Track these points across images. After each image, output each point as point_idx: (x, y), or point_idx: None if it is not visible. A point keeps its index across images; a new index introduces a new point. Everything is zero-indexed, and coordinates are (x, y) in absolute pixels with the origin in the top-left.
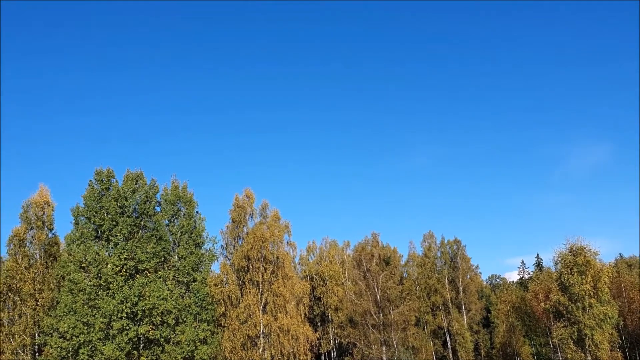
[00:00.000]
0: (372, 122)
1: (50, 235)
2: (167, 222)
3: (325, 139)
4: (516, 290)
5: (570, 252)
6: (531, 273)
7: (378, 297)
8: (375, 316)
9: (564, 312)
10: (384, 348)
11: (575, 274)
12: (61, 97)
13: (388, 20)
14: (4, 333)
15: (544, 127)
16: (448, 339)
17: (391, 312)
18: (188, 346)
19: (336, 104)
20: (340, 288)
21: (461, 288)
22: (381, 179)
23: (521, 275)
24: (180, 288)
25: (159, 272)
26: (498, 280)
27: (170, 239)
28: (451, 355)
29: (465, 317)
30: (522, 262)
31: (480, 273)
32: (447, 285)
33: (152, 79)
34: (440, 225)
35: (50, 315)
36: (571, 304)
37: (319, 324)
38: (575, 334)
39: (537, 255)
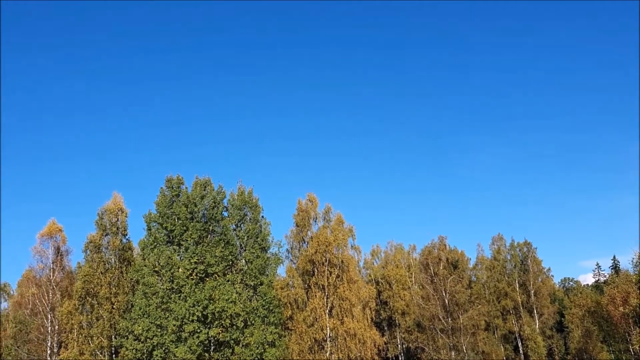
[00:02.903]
0: (436, 124)
1: (124, 240)
2: (234, 226)
3: (389, 143)
4: (591, 294)
5: None
6: (607, 276)
7: (446, 301)
8: (443, 320)
9: None
10: (452, 353)
11: None
12: (130, 109)
13: (451, 21)
14: (83, 335)
15: (618, 126)
16: (519, 343)
17: (460, 316)
18: (257, 348)
19: (399, 107)
20: (407, 292)
21: (532, 291)
22: (447, 182)
23: (596, 278)
24: (248, 291)
25: (227, 276)
26: (571, 283)
27: (237, 243)
28: None
29: (537, 321)
30: (597, 264)
31: (552, 276)
32: (517, 288)
33: (219, 85)
34: (509, 227)
35: (126, 318)
36: None
37: (385, 328)
38: None
39: (614, 257)
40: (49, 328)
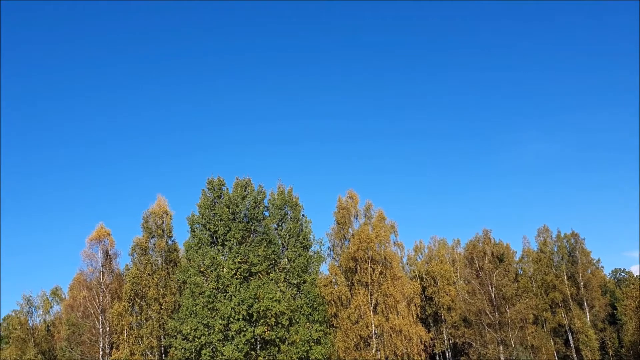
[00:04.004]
0: (479, 117)
1: (169, 242)
2: (275, 225)
3: (430, 139)
4: None
5: None
6: None
7: (492, 295)
8: (490, 315)
9: None
10: (501, 347)
11: None
12: (171, 112)
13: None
14: (133, 336)
15: None
16: (570, 337)
17: (507, 310)
18: (303, 346)
19: (442, 103)
20: (452, 287)
21: (582, 284)
22: (490, 175)
23: None
24: (292, 289)
25: (271, 275)
26: (623, 274)
27: (279, 242)
28: (574, 355)
29: (587, 314)
30: None
31: (602, 267)
32: (565, 281)
33: (258, 87)
34: (554, 219)
35: (174, 318)
36: None
37: (431, 324)
38: None
39: None
40: (101, 330)
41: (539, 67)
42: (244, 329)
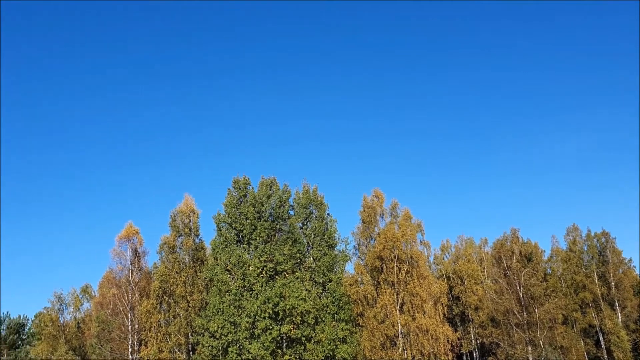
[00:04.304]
0: (504, 113)
1: (196, 241)
2: (301, 224)
3: (455, 138)
4: None
5: None
6: None
7: (521, 295)
8: (518, 315)
9: None
10: (529, 348)
11: None
12: (197, 112)
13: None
14: (162, 333)
15: None
16: (601, 338)
17: (536, 310)
18: (329, 345)
19: (468, 99)
20: (479, 287)
21: (613, 283)
22: (517, 173)
23: None
24: (317, 288)
25: (296, 273)
26: None
27: (305, 241)
28: (606, 356)
29: (619, 314)
30: None
31: (634, 267)
32: (596, 280)
33: (283, 87)
34: (584, 218)
35: (201, 316)
36: None
37: (458, 323)
38: None
39: None
40: (130, 327)
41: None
42: (270, 327)
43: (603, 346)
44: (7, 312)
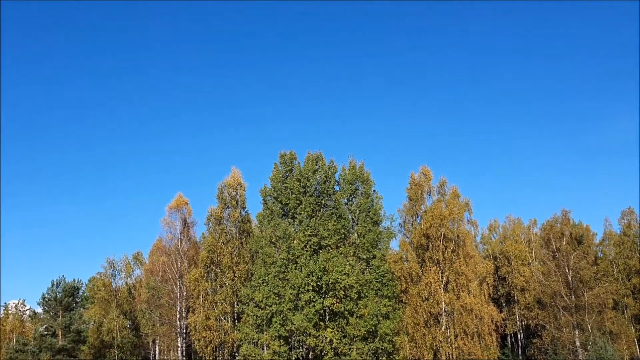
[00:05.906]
0: (561, 90)
1: (243, 213)
2: (346, 200)
3: (505, 110)
4: None
5: None
6: None
7: (569, 277)
8: (566, 298)
9: None
10: (577, 332)
11: None
12: (244, 86)
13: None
14: (209, 301)
15: None
16: None
17: (584, 294)
18: (371, 320)
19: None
20: (526, 268)
21: None
22: (570, 153)
23: None
24: (361, 264)
25: (340, 249)
26: None
27: (349, 217)
28: None
29: None
30: None
31: None
32: None
33: (330, 64)
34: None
35: (246, 286)
36: None
37: (504, 304)
38: None
39: None
40: (178, 294)
41: (630, 38)
42: (314, 300)
43: None
44: (63, 276)
